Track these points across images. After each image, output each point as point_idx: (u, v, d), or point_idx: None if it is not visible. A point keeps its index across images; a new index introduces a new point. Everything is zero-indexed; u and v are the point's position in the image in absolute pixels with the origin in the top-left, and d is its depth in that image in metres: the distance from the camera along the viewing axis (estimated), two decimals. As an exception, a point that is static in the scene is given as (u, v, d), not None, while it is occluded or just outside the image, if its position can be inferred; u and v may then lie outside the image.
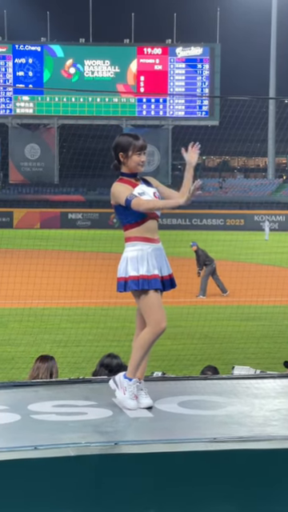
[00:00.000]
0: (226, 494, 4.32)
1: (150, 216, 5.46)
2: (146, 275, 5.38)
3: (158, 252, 5.48)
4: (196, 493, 4.29)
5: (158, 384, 6.06)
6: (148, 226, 5.46)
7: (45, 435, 4.58)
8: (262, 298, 19.99)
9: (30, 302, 19.34)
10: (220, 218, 64.76)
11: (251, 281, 20.53)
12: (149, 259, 5.42)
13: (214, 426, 4.85)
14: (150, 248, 5.44)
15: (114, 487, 4.21)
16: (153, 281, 5.38)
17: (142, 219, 5.45)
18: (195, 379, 6.42)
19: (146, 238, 5.45)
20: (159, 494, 4.26)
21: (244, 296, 19.77)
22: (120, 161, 5.52)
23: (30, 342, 15.34)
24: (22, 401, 5.41)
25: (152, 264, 5.41)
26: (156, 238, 5.50)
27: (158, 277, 5.41)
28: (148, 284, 5.37)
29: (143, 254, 5.42)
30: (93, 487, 4.19)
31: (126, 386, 5.34)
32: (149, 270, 5.39)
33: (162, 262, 5.49)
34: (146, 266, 5.40)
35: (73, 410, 5.23)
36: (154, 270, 5.40)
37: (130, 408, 5.24)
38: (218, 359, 13.80)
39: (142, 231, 5.45)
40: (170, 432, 4.76)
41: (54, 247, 28.83)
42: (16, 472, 4.14)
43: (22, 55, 73.78)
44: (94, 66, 74.21)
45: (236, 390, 5.87)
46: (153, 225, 5.49)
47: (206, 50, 74.33)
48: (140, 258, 5.41)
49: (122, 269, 5.44)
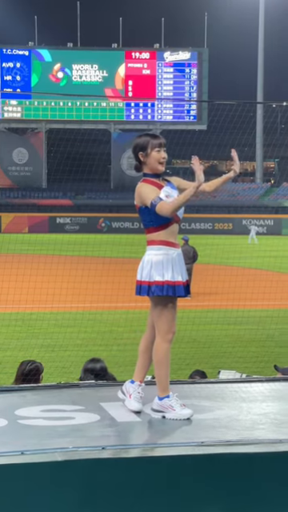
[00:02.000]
0: (213, 497, 4.32)
1: (176, 220, 5.37)
2: (172, 281, 5.27)
3: (180, 257, 5.40)
4: (184, 496, 4.28)
5: (146, 388, 6.04)
6: (172, 230, 5.36)
7: (32, 440, 4.56)
8: (249, 302, 20.02)
9: (17, 306, 19.29)
10: (208, 222, 64.89)
11: (239, 285, 20.57)
12: (174, 265, 5.31)
13: (202, 430, 4.85)
14: (175, 253, 5.34)
15: (102, 492, 4.20)
16: (177, 287, 5.29)
17: (166, 222, 5.32)
18: (183, 383, 6.43)
19: (170, 243, 5.34)
20: (147, 498, 4.25)
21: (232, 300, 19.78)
22: (141, 161, 5.43)
23: (17, 346, 15.29)
24: (9, 406, 5.39)
25: (176, 270, 5.31)
26: (177, 243, 5.41)
27: (182, 283, 5.31)
28: (173, 291, 5.28)
29: (168, 259, 5.30)
30: (80, 492, 4.18)
31: (169, 403, 5.19)
32: (173, 276, 5.28)
33: (183, 268, 5.41)
34: (171, 272, 5.28)
35: (60, 414, 5.22)
36: (178, 277, 5.30)
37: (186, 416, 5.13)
38: (206, 363, 13.81)
39: (167, 235, 5.34)
40: (158, 436, 4.76)
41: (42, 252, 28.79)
42: (3, 477, 4.12)
43: (10, 59, 73.69)
44: (82, 71, 74.23)
45: (224, 394, 5.88)
46: (175, 229, 5.40)
47: (193, 55, 74.53)
48: (166, 263, 5.29)
49: (146, 272, 5.30)
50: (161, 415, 5.19)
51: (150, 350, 5.47)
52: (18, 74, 73.72)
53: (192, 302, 22.33)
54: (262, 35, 73.08)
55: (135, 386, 5.40)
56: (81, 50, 74.01)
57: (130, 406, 5.29)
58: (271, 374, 9.87)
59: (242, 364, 13.43)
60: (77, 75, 74.21)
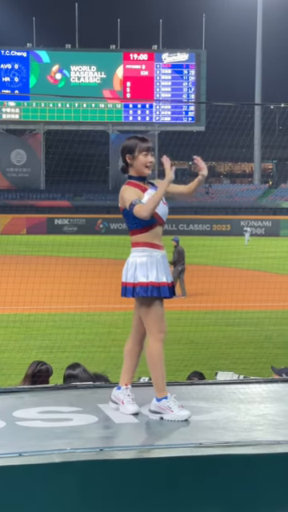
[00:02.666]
0: (211, 499, 4.32)
1: (159, 222, 5.40)
2: (156, 282, 5.31)
3: (164, 259, 5.44)
4: (182, 498, 4.28)
5: (144, 389, 6.04)
6: (156, 232, 5.40)
7: (30, 442, 4.56)
8: (247, 303, 20.04)
9: (15, 307, 19.27)
10: (206, 223, 64.92)
11: (237, 286, 20.55)
12: (158, 266, 5.35)
13: (200, 431, 4.85)
14: (159, 255, 5.39)
15: (100, 493, 4.20)
16: (162, 288, 5.33)
17: (150, 225, 5.36)
18: (181, 384, 6.42)
19: (154, 245, 5.38)
20: (145, 500, 4.25)
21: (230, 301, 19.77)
22: (128, 163, 5.46)
23: (15, 347, 15.28)
24: (7, 407, 5.38)
25: (161, 271, 5.35)
26: (162, 245, 5.45)
27: (166, 284, 5.35)
28: (157, 291, 5.31)
29: (153, 261, 5.35)
30: (78, 493, 4.18)
31: (167, 405, 5.19)
32: (158, 277, 5.32)
33: (167, 269, 5.45)
34: (155, 273, 5.32)
35: (58, 416, 5.22)
36: (162, 278, 5.34)
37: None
38: (204, 364, 13.80)
39: (151, 237, 5.38)
40: (156, 437, 4.76)
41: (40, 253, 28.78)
42: (0, 479, 4.12)
43: (8, 61, 73.70)
44: (80, 72, 74.26)
45: (222, 396, 5.88)
46: (159, 231, 5.43)
47: (191, 56, 74.58)
48: (150, 265, 5.34)
49: (130, 274, 5.34)
50: (159, 416, 5.19)
51: (135, 352, 5.53)
52: (16, 76, 73.74)
53: (189, 303, 22.37)
54: (260, 36, 73.15)
55: (123, 391, 5.40)
56: (79, 52, 74.05)
57: (126, 411, 5.29)
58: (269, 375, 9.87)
59: (240, 365, 13.42)
60: (75, 76, 74.25)
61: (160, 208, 5.36)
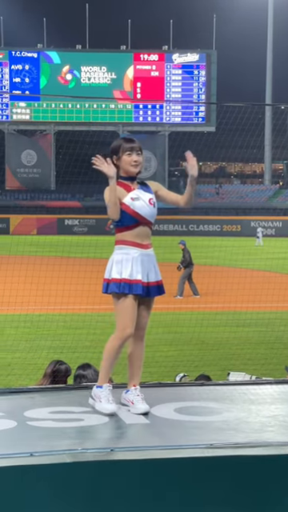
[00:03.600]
0: (222, 500, 4.32)
1: (142, 222, 5.45)
2: (128, 279, 5.39)
3: (145, 258, 5.47)
4: (192, 499, 4.28)
5: (154, 390, 6.04)
6: (138, 232, 5.46)
7: (41, 442, 4.57)
8: (258, 304, 20.01)
9: (26, 308, 19.30)
10: (217, 224, 64.86)
11: (247, 287, 20.53)
12: (133, 264, 5.42)
13: (211, 432, 4.84)
14: (137, 253, 5.44)
15: (110, 494, 4.20)
16: (134, 286, 5.39)
17: (132, 224, 5.45)
18: (191, 385, 6.41)
19: (134, 243, 5.45)
20: (156, 501, 4.25)
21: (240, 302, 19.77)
22: (116, 165, 5.53)
23: (26, 348, 15.31)
24: (18, 407, 5.39)
25: (136, 269, 5.41)
26: (146, 244, 5.49)
27: (140, 282, 5.40)
28: (129, 288, 5.38)
29: (128, 258, 5.43)
30: (89, 494, 4.18)
31: (99, 394, 5.37)
32: (131, 275, 5.40)
33: (149, 267, 5.48)
34: (129, 270, 5.41)
35: (69, 416, 5.22)
36: (137, 275, 5.40)
37: (108, 412, 5.25)
38: (214, 365, 13.79)
39: (132, 236, 5.46)
40: (167, 438, 4.75)
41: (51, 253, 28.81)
42: (12, 479, 4.13)
43: (19, 62, 73.89)
44: (90, 73, 74.35)
45: (232, 396, 5.86)
46: (144, 231, 5.48)
47: (202, 57, 74.53)
48: (125, 262, 5.43)
49: (107, 270, 5.48)
50: (92, 403, 5.38)
51: (136, 354, 5.57)
52: (26, 76, 73.92)
53: (200, 303, 22.35)
54: (271, 37, 73.02)
55: (132, 392, 5.44)
56: (89, 52, 74.15)
57: (136, 411, 5.30)
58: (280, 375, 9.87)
59: (251, 366, 13.39)
60: (85, 77, 74.35)
61: (143, 208, 5.44)
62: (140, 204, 5.45)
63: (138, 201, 5.45)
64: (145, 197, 5.50)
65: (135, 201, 5.44)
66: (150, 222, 5.52)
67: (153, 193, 5.57)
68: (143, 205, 5.45)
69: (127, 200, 5.43)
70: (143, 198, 5.48)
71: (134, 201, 5.44)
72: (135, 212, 5.43)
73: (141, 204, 5.45)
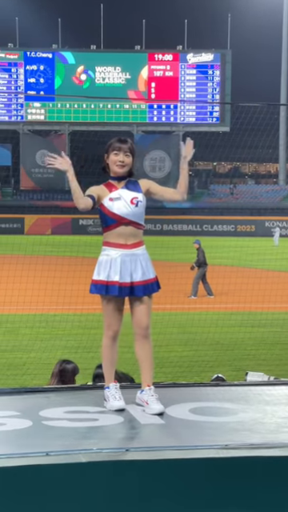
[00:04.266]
0: (237, 501, 4.31)
1: (120, 222, 5.44)
2: (105, 281, 5.45)
3: (127, 258, 5.46)
4: (207, 500, 4.27)
5: (168, 390, 6.04)
6: (121, 232, 5.46)
7: (56, 441, 4.58)
8: (273, 305, 19.95)
9: (41, 308, 19.36)
10: (231, 224, 64.72)
11: (262, 287, 20.48)
12: (112, 265, 5.45)
13: (226, 433, 4.83)
14: (118, 254, 5.45)
15: (125, 493, 4.21)
16: (110, 287, 5.44)
17: (112, 224, 5.48)
18: (206, 386, 6.40)
19: (116, 244, 5.47)
20: (170, 501, 4.25)
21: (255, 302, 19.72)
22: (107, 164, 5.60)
23: (41, 348, 15.36)
24: (33, 407, 5.41)
25: (114, 270, 5.44)
26: (131, 244, 5.47)
27: (117, 283, 5.41)
28: (106, 290, 5.45)
29: (107, 260, 5.47)
30: (104, 493, 4.19)
31: (107, 394, 5.47)
32: (109, 276, 5.44)
33: (133, 267, 5.46)
34: (107, 272, 5.45)
35: (84, 416, 5.23)
36: (114, 277, 5.43)
37: (116, 408, 5.34)
38: (229, 365, 13.78)
39: (114, 236, 5.48)
40: (182, 439, 4.74)
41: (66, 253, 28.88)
42: (27, 478, 4.14)
43: (34, 62, 74.12)
44: (105, 73, 74.44)
45: (248, 397, 5.85)
46: (127, 231, 5.46)
47: (216, 57, 74.41)
48: (104, 263, 5.48)
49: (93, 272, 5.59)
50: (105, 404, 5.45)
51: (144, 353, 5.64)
52: (41, 77, 74.13)
53: (215, 303, 22.32)
54: (286, 36, 72.78)
55: (146, 392, 5.45)
56: (104, 53, 74.24)
57: (151, 411, 5.31)
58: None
59: (266, 367, 13.35)
60: (100, 77, 74.44)
61: (122, 208, 5.44)
62: (119, 204, 5.44)
63: (119, 201, 5.45)
64: (127, 196, 5.48)
65: (115, 201, 5.45)
66: (133, 222, 5.47)
67: (141, 191, 5.53)
68: (123, 204, 5.44)
69: (105, 201, 5.48)
70: (125, 198, 5.46)
71: (114, 201, 5.45)
72: (112, 212, 5.44)
73: (120, 204, 5.44)
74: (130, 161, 5.53)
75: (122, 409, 5.34)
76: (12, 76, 74.05)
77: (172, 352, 14.97)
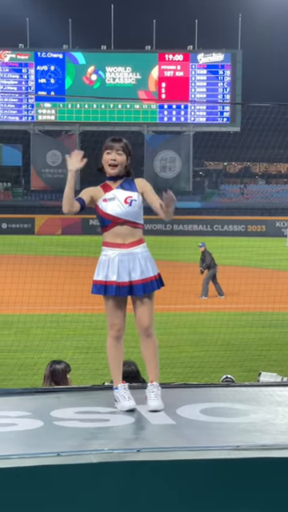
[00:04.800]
0: (248, 502, 4.30)
1: (115, 222, 5.45)
2: (104, 281, 5.45)
3: (125, 257, 5.45)
4: (218, 501, 4.27)
5: (179, 391, 6.05)
6: (117, 232, 5.47)
7: (67, 442, 4.59)
8: (284, 305, 19.90)
9: (52, 308, 19.39)
10: (241, 224, 64.57)
11: (273, 287, 20.43)
12: (110, 265, 5.45)
13: (237, 434, 4.83)
14: (115, 253, 5.45)
15: (137, 494, 4.21)
16: (109, 287, 5.44)
17: (107, 225, 5.49)
18: (217, 386, 6.40)
19: (114, 244, 5.47)
20: (181, 502, 4.25)
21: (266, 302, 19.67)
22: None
23: (52, 348, 15.38)
24: (44, 407, 5.42)
25: (112, 270, 5.44)
26: (128, 243, 5.46)
27: (115, 283, 5.41)
28: (104, 290, 5.45)
29: (105, 260, 5.48)
30: (115, 494, 4.19)
31: (116, 395, 5.47)
32: (107, 276, 5.45)
33: (131, 266, 5.44)
34: (105, 272, 5.46)
35: (95, 416, 5.24)
36: (112, 277, 5.43)
37: (126, 408, 5.33)
38: (240, 366, 13.76)
39: (111, 236, 5.49)
40: (193, 439, 4.74)
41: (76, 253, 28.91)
42: (39, 478, 4.15)
43: (44, 62, 74.21)
44: (115, 73, 74.44)
45: (259, 398, 5.84)
46: (123, 230, 5.46)
47: (227, 57, 74.28)
48: (102, 264, 5.49)
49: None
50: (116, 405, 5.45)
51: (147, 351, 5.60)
52: (52, 77, 74.21)
53: (226, 304, 22.29)
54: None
55: (149, 387, 5.48)
56: (114, 53, 74.23)
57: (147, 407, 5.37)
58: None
59: (277, 367, 13.32)
60: (110, 78, 74.45)
61: (116, 208, 5.43)
62: (113, 204, 5.44)
63: (113, 201, 5.45)
64: (122, 196, 5.47)
65: (108, 201, 5.45)
66: (129, 221, 5.45)
67: (137, 191, 5.50)
68: (117, 204, 5.44)
69: (100, 202, 5.50)
70: (119, 198, 5.46)
71: (108, 201, 5.45)
72: (106, 213, 5.46)
73: (114, 204, 5.44)
74: (122, 159, 5.50)
75: (132, 409, 5.35)
76: (23, 76, 74.18)
77: (183, 352, 14.96)
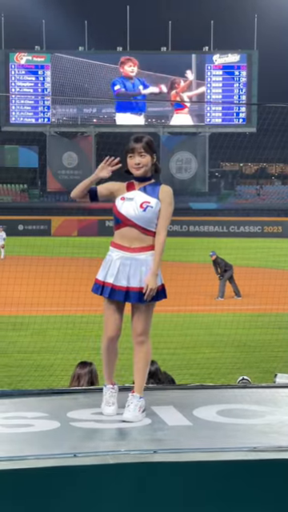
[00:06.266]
0: (265, 503, 4.29)
1: (125, 223, 5.33)
2: (102, 281, 5.37)
3: (127, 261, 5.30)
4: (235, 502, 4.26)
5: (195, 392, 6.04)
6: (125, 234, 5.34)
7: (84, 443, 4.60)
8: (301, 306, 19.80)
9: (68, 309, 19.43)
10: (257, 225, 64.39)
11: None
12: (111, 266, 5.35)
13: (254, 435, 4.82)
14: (118, 256, 5.33)
15: (153, 495, 4.21)
16: (105, 289, 5.36)
17: (118, 224, 5.41)
18: (234, 387, 6.39)
19: (119, 245, 5.35)
20: (198, 503, 4.24)
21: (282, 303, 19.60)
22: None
23: (68, 349, 15.41)
24: (61, 408, 5.43)
25: (111, 272, 5.33)
26: (134, 248, 5.30)
27: (110, 285, 5.31)
28: (102, 290, 5.37)
29: (108, 260, 5.39)
30: (132, 495, 4.19)
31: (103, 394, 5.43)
32: (105, 277, 5.36)
33: (132, 272, 5.29)
34: (105, 272, 5.37)
35: (112, 417, 5.24)
36: (109, 278, 5.32)
37: (105, 414, 5.27)
38: (256, 367, 13.72)
39: (119, 237, 5.39)
40: (209, 441, 4.73)
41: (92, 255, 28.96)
42: (55, 479, 4.16)
43: (60, 64, 74.39)
44: (131, 74, 74.48)
45: (275, 399, 5.83)
46: (131, 233, 5.31)
47: (243, 57, 74.14)
48: (105, 264, 5.40)
49: None
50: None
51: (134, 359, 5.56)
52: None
53: (242, 305, 22.24)
54: (313, 36, 72.26)
55: (129, 397, 5.32)
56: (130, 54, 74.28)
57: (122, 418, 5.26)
58: None
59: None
60: (126, 79, 74.51)
61: (129, 210, 5.31)
62: (128, 205, 5.33)
63: (130, 201, 5.33)
64: (140, 199, 5.33)
65: (126, 201, 5.34)
66: (139, 226, 5.29)
67: (157, 198, 5.33)
68: (132, 206, 5.31)
69: (117, 200, 5.40)
70: (136, 200, 5.32)
71: (125, 201, 5.34)
72: (119, 212, 5.36)
73: (129, 205, 5.32)
74: (146, 160, 5.36)
75: (111, 414, 5.24)
76: (39, 78, 74.42)
77: (199, 354, 14.94)
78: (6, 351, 15.49)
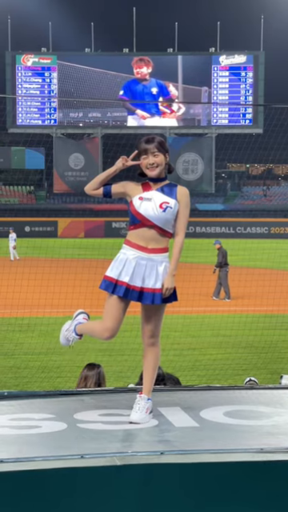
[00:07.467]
0: (272, 504, 4.28)
1: (144, 224, 5.25)
2: (114, 279, 5.27)
3: (144, 262, 5.26)
4: (242, 503, 4.25)
5: (202, 393, 6.03)
6: (142, 234, 5.27)
7: (91, 444, 4.59)
8: (308, 307, 19.77)
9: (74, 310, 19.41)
10: (264, 226, 64.35)
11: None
12: (126, 265, 5.26)
13: (261, 437, 4.81)
14: (134, 255, 5.26)
15: (160, 497, 4.20)
16: (118, 287, 5.26)
17: (134, 224, 5.31)
18: (241, 389, 6.38)
19: (136, 245, 5.27)
20: (205, 504, 4.24)
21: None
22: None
23: (75, 350, 15.38)
24: (68, 409, 5.43)
25: (126, 271, 5.25)
26: (151, 248, 5.26)
27: (125, 285, 5.24)
28: (113, 288, 5.27)
29: (122, 258, 5.29)
30: (139, 497, 4.19)
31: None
32: (120, 275, 5.26)
33: (147, 273, 5.26)
34: (119, 270, 5.27)
35: (119, 418, 5.24)
36: (124, 277, 5.25)
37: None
38: (263, 368, 13.70)
39: (135, 237, 5.29)
40: (216, 442, 4.73)
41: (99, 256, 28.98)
42: (62, 480, 4.17)
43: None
44: (137, 76, 74.53)
45: (282, 400, 5.82)
46: (149, 234, 5.26)
47: (249, 58, 74.13)
48: (119, 261, 5.30)
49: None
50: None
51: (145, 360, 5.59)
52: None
53: (249, 306, 22.20)
54: None
55: (137, 399, 5.33)
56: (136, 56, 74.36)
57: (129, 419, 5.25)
58: None
59: (301, 370, 13.25)
60: (132, 80, 74.57)
61: (148, 210, 5.24)
62: (147, 205, 5.25)
63: (148, 202, 5.26)
64: (158, 199, 5.27)
65: (144, 201, 5.26)
66: (157, 226, 5.25)
67: (175, 198, 5.30)
68: (151, 206, 5.24)
69: (135, 199, 5.29)
70: (155, 200, 5.26)
71: (144, 201, 5.26)
72: (137, 211, 5.25)
73: (148, 205, 5.25)
74: (160, 160, 5.32)
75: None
76: (45, 80, 74.57)
77: (206, 355, 14.93)
78: (14, 353, 15.51)
